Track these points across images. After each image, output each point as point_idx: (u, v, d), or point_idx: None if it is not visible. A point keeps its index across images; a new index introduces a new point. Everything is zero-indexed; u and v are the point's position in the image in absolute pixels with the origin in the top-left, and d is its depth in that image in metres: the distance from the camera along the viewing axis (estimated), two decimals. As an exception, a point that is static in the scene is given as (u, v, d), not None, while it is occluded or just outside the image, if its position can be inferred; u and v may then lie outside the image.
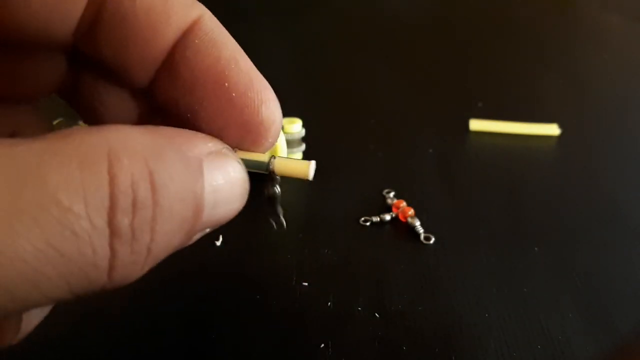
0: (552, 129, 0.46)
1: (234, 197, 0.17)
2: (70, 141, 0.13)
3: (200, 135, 0.17)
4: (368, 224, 0.35)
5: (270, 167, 0.18)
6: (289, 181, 0.19)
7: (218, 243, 0.33)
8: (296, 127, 0.39)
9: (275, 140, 0.19)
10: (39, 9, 0.16)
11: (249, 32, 0.61)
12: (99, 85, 0.20)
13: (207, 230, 0.17)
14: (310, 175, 0.19)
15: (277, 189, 0.18)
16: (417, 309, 0.29)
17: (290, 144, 0.39)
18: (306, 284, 0.31)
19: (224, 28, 0.18)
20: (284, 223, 0.19)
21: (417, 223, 0.35)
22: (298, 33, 0.64)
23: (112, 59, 0.18)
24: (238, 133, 0.18)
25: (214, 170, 0.16)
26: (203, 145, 0.16)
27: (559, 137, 0.45)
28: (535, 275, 0.32)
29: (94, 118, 0.20)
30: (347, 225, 0.35)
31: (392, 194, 0.38)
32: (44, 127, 0.21)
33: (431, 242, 0.34)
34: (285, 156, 0.38)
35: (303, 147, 0.40)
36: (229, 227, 0.34)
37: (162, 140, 0.15)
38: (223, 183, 0.16)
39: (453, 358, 0.27)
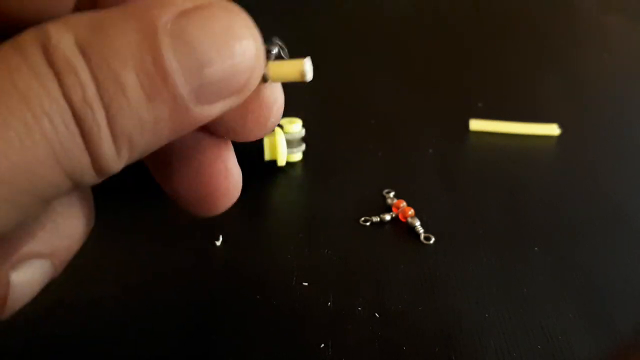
0: (552, 129, 0.46)
1: (230, 53, 0.14)
2: (9, 41, 0.13)
3: None
4: (368, 224, 0.35)
5: (265, 75, 0.16)
6: (289, 182, 0.19)
7: (218, 243, 0.33)
8: (296, 127, 0.39)
9: (278, 120, 0.18)
10: None
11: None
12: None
13: (230, 100, 0.15)
14: (308, 74, 0.16)
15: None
16: (417, 309, 0.29)
17: (290, 144, 0.39)
18: (306, 284, 0.31)
19: None
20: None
21: (417, 223, 0.35)
22: (298, 33, 0.64)
23: None
24: (240, 113, 0.17)
25: (187, 26, 0.14)
26: (168, 4, 0.14)
27: (559, 137, 0.45)
28: (535, 275, 0.32)
29: None
30: (347, 225, 0.35)
31: (392, 194, 0.38)
32: None
33: (431, 242, 0.34)
34: (285, 156, 0.39)
35: (303, 147, 0.40)
36: (229, 227, 0.34)
37: (105, 14, 0.14)
38: (206, 38, 0.14)
39: (453, 358, 0.27)
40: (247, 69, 0.15)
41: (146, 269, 0.32)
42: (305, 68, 0.16)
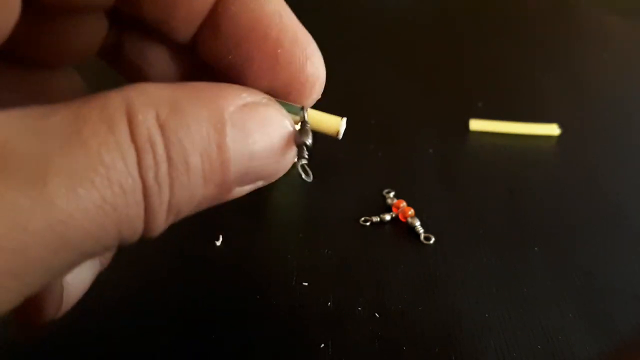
0: (552, 129, 0.46)
1: (274, 148, 0.16)
2: (94, 106, 0.14)
3: (234, 87, 0.16)
4: (368, 224, 0.35)
5: (305, 115, 0.18)
6: (289, 182, 0.19)
7: (218, 243, 0.33)
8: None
9: (318, 97, 0.19)
10: None
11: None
12: (142, 44, 0.20)
13: (258, 183, 0.17)
14: (341, 132, 0.19)
15: (309, 139, 0.18)
16: (417, 309, 0.29)
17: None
18: (306, 284, 0.31)
19: None
20: (311, 174, 0.18)
21: (417, 223, 0.35)
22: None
23: (153, 15, 0.18)
24: (282, 89, 0.18)
25: (247, 121, 0.15)
26: (235, 96, 0.16)
27: (559, 137, 0.45)
28: (535, 275, 0.32)
29: (138, 78, 0.20)
30: (347, 225, 0.35)
31: (392, 194, 0.38)
32: (80, 89, 0.21)
33: (431, 242, 0.34)
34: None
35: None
36: (229, 227, 0.34)
37: (182, 93, 0.15)
38: (260, 134, 0.16)
39: (453, 358, 0.27)
40: (285, 167, 0.17)
41: (146, 269, 0.32)
42: (341, 129, 0.19)
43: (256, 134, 0.16)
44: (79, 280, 0.20)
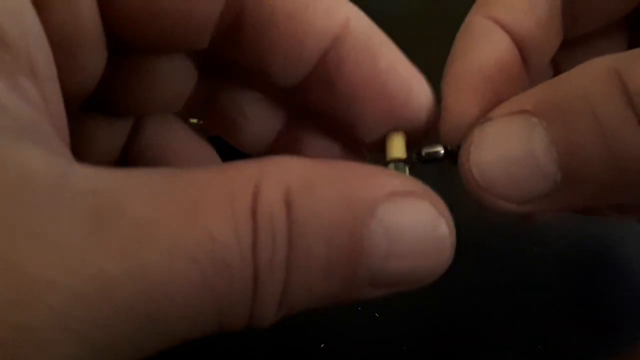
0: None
1: (420, 251, 0.14)
2: (226, 173, 0.12)
3: (385, 171, 0.15)
4: (368, 224, 0.35)
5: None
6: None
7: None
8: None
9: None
10: (176, 7, 0.15)
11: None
12: (238, 94, 0.19)
13: (397, 287, 0.15)
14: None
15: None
16: (417, 309, 0.29)
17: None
18: (306, 284, 0.31)
19: (376, 28, 0.18)
20: None
21: (417, 223, 0.35)
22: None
23: (253, 65, 0.17)
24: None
25: (392, 213, 0.13)
26: (384, 183, 0.13)
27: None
28: (536, 276, 0.32)
29: (233, 131, 0.19)
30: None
31: (392, 194, 0.38)
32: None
33: (431, 242, 0.34)
34: None
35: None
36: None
37: (321, 170, 0.13)
38: (403, 230, 0.13)
39: (453, 358, 0.27)
40: (433, 275, 0.15)
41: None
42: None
43: (405, 232, 0.13)
44: None
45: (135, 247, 0.11)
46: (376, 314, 0.29)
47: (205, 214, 0.11)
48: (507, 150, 0.16)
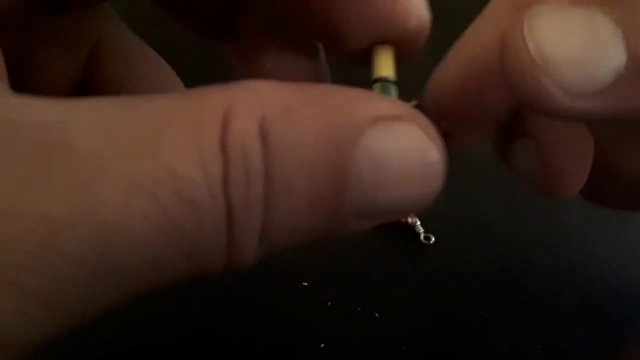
0: (552, 129, 0.45)
1: (409, 179, 0.12)
2: (190, 100, 0.11)
3: (370, 95, 0.13)
4: (368, 223, 0.35)
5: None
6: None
7: (218, 243, 0.33)
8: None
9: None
10: None
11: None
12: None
13: (378, 219, 0.13)
14: None
15: None
16: (417, 308, 0.29)
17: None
18: (306, 284, 0.31)
19: None
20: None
21: (417, 223, 0.35)
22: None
23: None
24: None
25: (378, 140, 0.12)
26: (369, 107, 0.12)
27: (559, 137, 0.45)
28: (536, 275, 0.32)
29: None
30: (347, 225, 0.35)
31: (392, 194, 0.38)
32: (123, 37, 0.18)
33: (431, 242, 0.34)
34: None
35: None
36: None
37: (299, 95, 0.12)
38: (391, 158, 0.12)
39: (453, 358, 0.27)
40: (421, 203, 0.13)
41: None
42: None
43: (392, 160, 0.12)
44: None
45: (84, 186, 0.10)
46: (376, 314, 0.29)
47: (166, 147, 0.10)
48: (569, 22, 0.13)
